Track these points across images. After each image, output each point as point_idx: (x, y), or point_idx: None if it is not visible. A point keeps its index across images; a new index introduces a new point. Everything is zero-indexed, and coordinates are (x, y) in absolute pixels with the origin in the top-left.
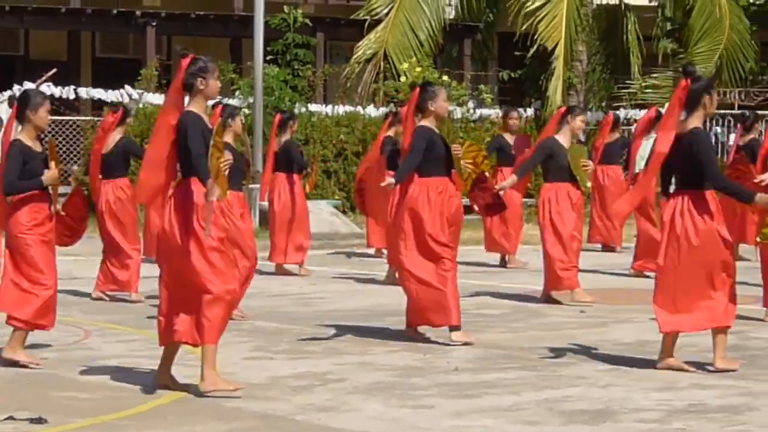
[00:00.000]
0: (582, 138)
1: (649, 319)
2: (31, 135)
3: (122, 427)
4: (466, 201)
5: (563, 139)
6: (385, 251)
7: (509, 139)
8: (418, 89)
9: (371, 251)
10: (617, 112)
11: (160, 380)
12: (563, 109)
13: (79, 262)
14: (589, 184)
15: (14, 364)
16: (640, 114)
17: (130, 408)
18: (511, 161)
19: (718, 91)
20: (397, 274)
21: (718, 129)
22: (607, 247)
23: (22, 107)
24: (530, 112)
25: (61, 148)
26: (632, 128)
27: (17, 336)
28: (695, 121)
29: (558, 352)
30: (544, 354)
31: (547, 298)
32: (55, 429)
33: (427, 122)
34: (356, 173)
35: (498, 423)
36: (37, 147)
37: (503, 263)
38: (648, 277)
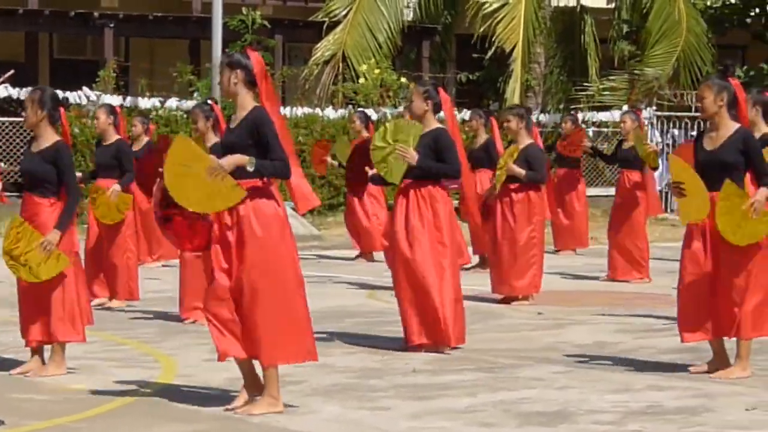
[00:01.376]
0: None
1: (604, 321)
2: None
3: (79, 430)
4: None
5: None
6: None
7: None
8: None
9: (331, 253)
10: (575, 114)
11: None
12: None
13: None
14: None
15: None
16: (598, 116)
17: (88, 410)
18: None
19: (675, 93)
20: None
21: (676, 131)
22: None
23: None
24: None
25: (19, 149)
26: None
27: None
28: None
29: (514, 354)
30: (500, 356)
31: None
32: (11, 431)
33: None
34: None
35: (454, 425)
36: None
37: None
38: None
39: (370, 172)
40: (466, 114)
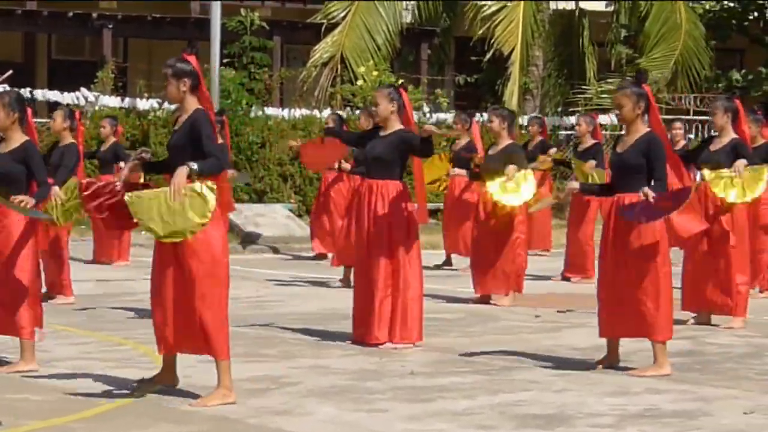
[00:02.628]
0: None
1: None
2: None
3: (76, 430)
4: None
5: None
6: None
7: None
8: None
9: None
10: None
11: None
12: None
13: None
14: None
15: None
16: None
17: (83, 411)
18: None
19: (673, 96)
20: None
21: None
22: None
23: None
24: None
25: None
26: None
27: None
28: None
29: (512, 357)
30: (498, 358)
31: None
32: (8, 431)
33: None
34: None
35: (452, 427)
36: None
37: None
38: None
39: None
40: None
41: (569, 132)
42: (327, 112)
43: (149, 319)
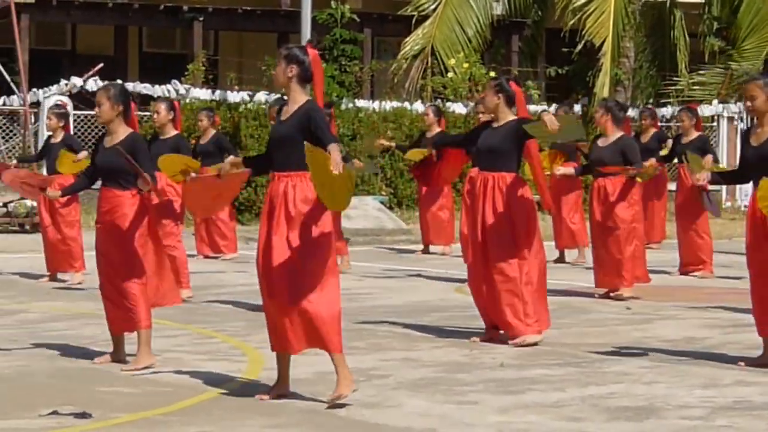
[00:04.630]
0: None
1: (692, 316)
2: None
3: (166, 423)
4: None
5: None
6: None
7: None
8: None
9: (419, 247)
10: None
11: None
12: None
13: None
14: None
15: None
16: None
17: (174, 403)
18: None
19: None
20: None
21: None
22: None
23: None
24: (578, 108)
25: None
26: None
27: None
28: None
29: (603, 349)
30: (588, 350)
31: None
32: (99, 424)
33: None
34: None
35: (542, 419)
36: None
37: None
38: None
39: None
40: (552, 108)
41: (661, 124)
42: (418, 104)
43: (241, 312)
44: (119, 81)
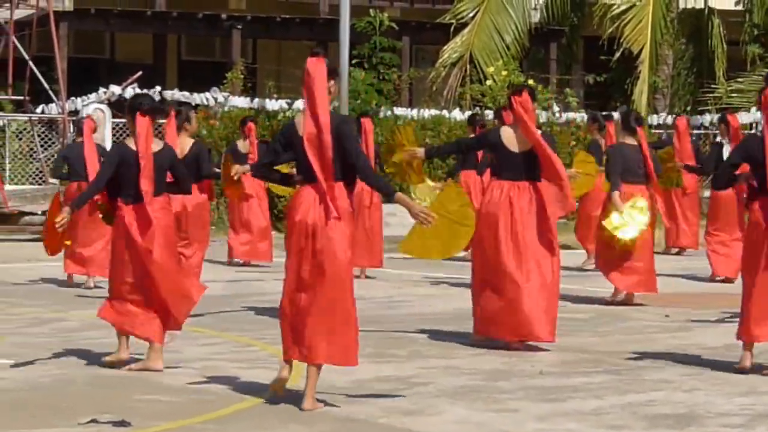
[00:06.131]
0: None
1: (731, 323)
2: None
3: (204, 431)
4: None
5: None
6: None
7: None
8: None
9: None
10: (702, 116)
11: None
12: None
13: None
14: None
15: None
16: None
17: (212, 411)
18: None
19: None
20: None
21: None
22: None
23: None
24: (616, 116)
25: None
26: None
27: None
28: None
29: (642, 356)
30: (628, 358)
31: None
32: None
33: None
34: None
35: (582, 427)
36: None
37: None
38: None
39: None
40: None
41: (699, 131)
42: (456, 112)
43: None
44: (158, 88)
